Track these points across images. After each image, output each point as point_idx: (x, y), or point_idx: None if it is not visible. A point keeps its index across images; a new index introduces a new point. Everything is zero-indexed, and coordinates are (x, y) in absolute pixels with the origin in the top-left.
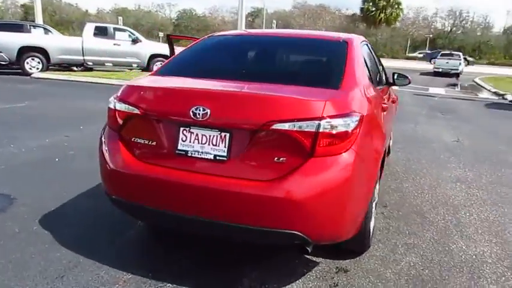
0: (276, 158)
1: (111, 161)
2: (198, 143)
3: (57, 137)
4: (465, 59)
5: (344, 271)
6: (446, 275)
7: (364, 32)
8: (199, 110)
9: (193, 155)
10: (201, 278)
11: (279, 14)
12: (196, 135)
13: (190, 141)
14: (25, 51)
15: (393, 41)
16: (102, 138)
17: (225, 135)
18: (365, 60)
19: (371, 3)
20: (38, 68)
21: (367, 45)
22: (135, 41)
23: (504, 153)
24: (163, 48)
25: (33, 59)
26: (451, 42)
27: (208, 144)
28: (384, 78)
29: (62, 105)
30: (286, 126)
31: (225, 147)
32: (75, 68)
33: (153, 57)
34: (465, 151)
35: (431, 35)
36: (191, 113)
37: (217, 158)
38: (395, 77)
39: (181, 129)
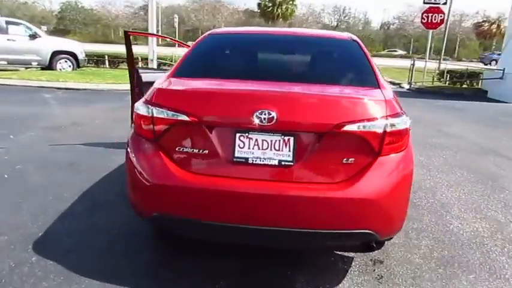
0: (344, 159)
1: (151, 175)
2: (259, 148)
3: None
4: None
5: (380, 262)
6: (463, 253)
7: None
8: (264, 115)
9: (254, 162)
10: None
11: (174, 9)
12: (256, 140)
13: (249, 148)
14: None
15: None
16: (131, 151)
17: (288, 139)
18: None
19: None
20: None
21: None
22: (33, 36)
23: (430, 137)
24: (68, 45)
25: None
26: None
27: (271, 150)
28: None
29: None
30: (355, 127)
31: (289, 151)
32: None
33: (55, 54)
34: None
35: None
36: (254, 118)
37: (283, 163)
38: None
39: (238, 135)
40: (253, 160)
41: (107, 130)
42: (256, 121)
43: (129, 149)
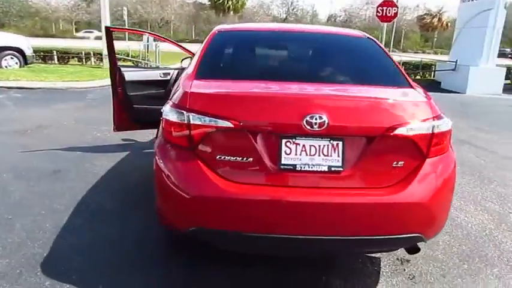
0: (394, 163)
1: (190, 187)
2: (306, 154)
3: None
4: None
5: (407, 261)
6: (479, 247)
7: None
8: (316, 119)
9: (302, 169)
10: None
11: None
12: (303, 146)
13: (296, 154)
14: None
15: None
16: (162, 161)
17: (337, 144)
18: None
19: None
20: None
21: None
22: None
23: None
24: (14, 40)
25: None
26: None
27: (319, 155)
28: None
29: None
30: (405, 129)
31: (338, 156)
32: None
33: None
34: None
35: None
36: (305, 123)
37: (332, 169)
38: None
39: (284, 141)
40: (301, 167)
41: (79, 133)
42: (307, 126)
43: (158, 159)
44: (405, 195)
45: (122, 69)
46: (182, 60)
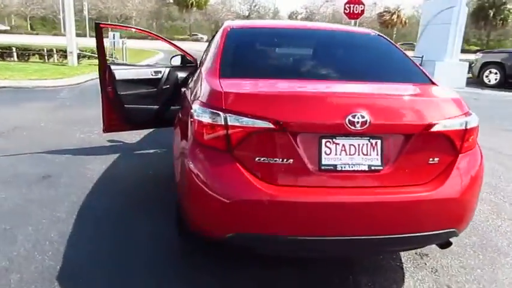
0: (430, 159)
1: (230, 191)
2: (346, 154)
3: None
4: None
5: (426, 255)
6: (487, 236)
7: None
8: (358, 118)
9: (343, 169)
10: None
11: None
12: (343, 146)
13: (336, 154)
14: None
15: (198, 25)
16: (195, 165)
17: (375, 143)
18: None
19: None
20: None
21: None
22: None
23: None
24: None
25: None
26: None
27: (358, 154)
28: None
29: None
30: (442, 126)
31: (377, 155)
32: None
33: None
34: None
35: (239, 19)
36: (347, 122)
37: (372, 168)
38: None
39: (324, 141)
40: (341, 167)
41: (61, 135)
42: (349, 125)
43: (190, 163)
44: (444, 191)
45: (112, 67)
46: (172, 58)
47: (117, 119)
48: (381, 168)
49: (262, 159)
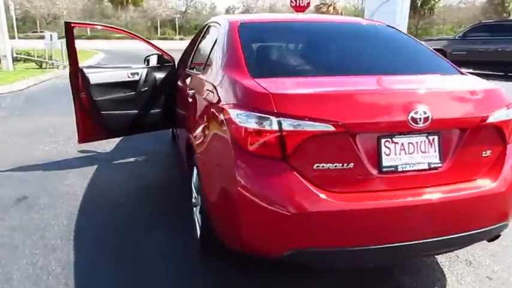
0: (483, 152)
1: (289, 203)
2: (405, 153)
3: None
4: None
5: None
6: None
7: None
8: (420, 114)
9: (404, 169)
10: None
11: None
12: (402, 144)
13: (395, 154)
14: None
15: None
16: (246, 177)
17: (433, 139)
18: None
19: None
20: None
21: None
22: None
23: None
24: None
25: None
26: (188, 22)
27: (417, 153)
28: None
29: None
30: (493, 118)
31: (435, 152)
32: None
33: None
34: None
35: (178, 15)
36: (410, 119)
37: (431, 165)
38: None
39: (383, 141)
40: (402, 167)
41: (22, 148)
42: (412, 122)
43: (239, 175)
44: (501, 183)
45: (85, 70)
46: (146, 58)
47: (94, 127)
48: (439, 165)
49: (321, 165)
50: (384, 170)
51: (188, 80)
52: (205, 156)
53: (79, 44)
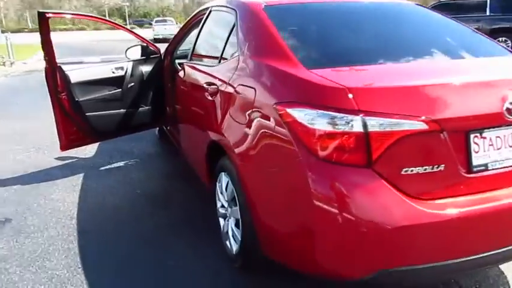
0: None
1: (378, 217)
2: (494, 149)
3: None
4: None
5: None
6: None
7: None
8: None
9: (494, 167)
10: None
11: None
12: (490, 139)
13: (484, 150)
14: None
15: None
16: (319, 189)
17: None
18: None
19: None
20: None
21: None
22: None
23: None
24: None
25: None
26: (137, 10)
27: (505, 147)
28: None
29: None
30: None
31: None
32: None
33: None
34: None
35: (126, 3)
36: (505, 111)
37: None
38: None
39: (472, 136)
40: (492, 165)
41: None
42: (507, 114)
43: (312, 187)
44: None
45: (64, 67)
46: (127, 50)
47: (78, 132)
48: None
49: (410, 169)
50: (475, 169)
51: (195, 75)
52: (251, 163)
53: (31, 38)
